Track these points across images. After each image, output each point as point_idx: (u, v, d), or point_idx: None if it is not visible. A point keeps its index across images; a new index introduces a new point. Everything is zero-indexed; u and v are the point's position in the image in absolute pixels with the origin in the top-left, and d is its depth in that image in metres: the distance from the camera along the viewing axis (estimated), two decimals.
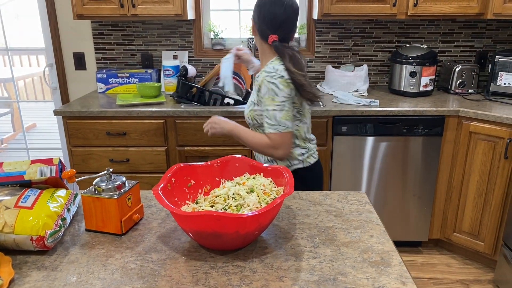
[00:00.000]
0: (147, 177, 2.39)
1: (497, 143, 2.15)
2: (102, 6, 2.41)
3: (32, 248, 0.94)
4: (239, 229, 0.88)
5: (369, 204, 1.20)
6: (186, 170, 1.12)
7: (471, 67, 2.58)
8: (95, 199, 1.02)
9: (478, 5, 2.36)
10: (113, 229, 1.03)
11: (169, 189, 1.04)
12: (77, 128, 2.32)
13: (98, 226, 1.04)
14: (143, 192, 1.29)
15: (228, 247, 0.95)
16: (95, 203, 1.02)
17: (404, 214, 2.45)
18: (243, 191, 1.02)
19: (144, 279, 0.87)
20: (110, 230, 1.04)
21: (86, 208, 1.04)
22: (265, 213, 0.89)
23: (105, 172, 1.05)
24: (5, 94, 5.50)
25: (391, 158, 2.35)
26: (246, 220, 0.87)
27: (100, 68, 2.88)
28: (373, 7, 2.38)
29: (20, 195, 0.97)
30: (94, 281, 0.86)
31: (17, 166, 1.03)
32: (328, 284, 0.85)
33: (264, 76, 1.45)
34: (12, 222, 0.92)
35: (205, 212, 0.87)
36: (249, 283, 0.85)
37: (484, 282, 2.28)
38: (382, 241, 1.01)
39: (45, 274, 0.89)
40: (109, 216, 1.02)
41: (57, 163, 1.05)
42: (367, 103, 2.32)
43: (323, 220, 1.11)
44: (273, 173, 1.09)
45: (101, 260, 0.93)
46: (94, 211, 1.03)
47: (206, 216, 0.86)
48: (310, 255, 0.94)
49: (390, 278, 0.86)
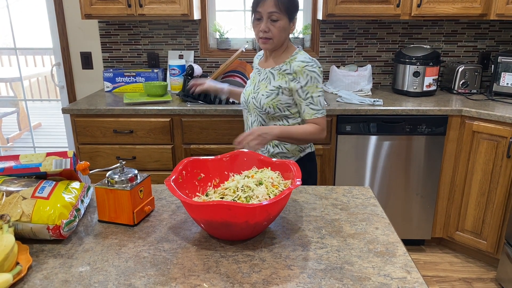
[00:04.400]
0: (154, 175, 2.42)
1: (499, 142, 2.17)
2: (109, 6, 2.45)
3: (48, 237, 0.97)
4: (248, 218, 0.91)
5: (374, 198, 1.23)
6: (196, 163, 1.15)
7: (474, 67, 2.60)
8: (108, 191, 1.05)
9: (481, 6, 2.39)
10: (126, 220, 1.06)
11: (180, 182, 1.07)
12: (84, 126, 2.36)
13: (111, 217, 1.08)
14: (153, 186, 1.32)
15: (237, 237, 0.98)
16: (108, 194, 1.05)
17: (407, 212, 2.48)
18: (252, 183, 1.05)
19: (157, 266, 0.90)
20: (123, 221, 1.07)
21: (100, 200, 1.07)
22: (274, 204, 0.92)
23: (118, 165, 1.08)
24: (10, 94, 5.56)
25: (395, 157, 2.38)
26: (255, 210, 0.90)
27: (107, 67, 2.92)
28: (377, 8, 2.41)
29: (36, 186, 1.01)
30: (109, 268, 0.89)
31: (33, 159, 1.06)
32: (335, 272, 0.87)
33: (304, 66, 1.53)
34: (29, 212, 0.95)
35: (216, 202, 0.90)
36: (258, 271, 0.88)
37: (486, 281, 2.30)
38: (387, 233, 1.03)
39: (62, 262, 0.92)
40: (122, 208, 1.05)
41: (72, 155, 1.08)
42: (371, 103, 2.35)
43: (329, 213, 1.13)
44: (281, 167, 1.12)
45: (114, 249, 0.97)
46: (107, 202, 1.06)
47: (218, 205, 0.89)
48: (317, 246, 0.97)
49: (395, 267, 0.89)
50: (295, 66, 1.54)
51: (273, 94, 1.57)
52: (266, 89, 1.59)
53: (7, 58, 6.25)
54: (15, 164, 1.06)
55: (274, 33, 1.53)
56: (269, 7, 1.49)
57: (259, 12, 1.51)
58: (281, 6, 1.50)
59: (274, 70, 1.60)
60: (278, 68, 1.60)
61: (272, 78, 1.60)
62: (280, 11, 1.50)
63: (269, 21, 1.51)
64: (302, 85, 1.54)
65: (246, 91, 1.70)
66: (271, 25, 1.52)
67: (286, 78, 1.56)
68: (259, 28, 1.54)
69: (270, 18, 1.51)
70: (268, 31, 1.52)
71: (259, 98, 1.60)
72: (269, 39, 1.54)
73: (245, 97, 1.70)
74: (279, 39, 1.55)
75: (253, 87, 1.67)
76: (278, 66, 1.60)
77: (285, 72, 1.57)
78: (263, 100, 1.59)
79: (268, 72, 1.62)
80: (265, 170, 1.13)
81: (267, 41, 1.55)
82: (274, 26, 1.52)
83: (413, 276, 0.86)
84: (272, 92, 1.58)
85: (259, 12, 1.51)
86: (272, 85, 1.58)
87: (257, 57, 1.79)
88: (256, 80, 1.67)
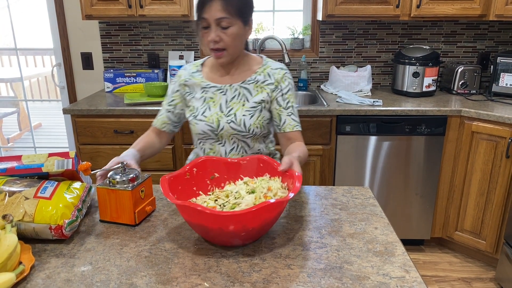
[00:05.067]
0: (154, 175, 2.41)
1: (498, 143, 2.18)
2: (110, 6, 2.46)
3: (50, 237, 0.98)
4: (221, 226, 0.89)
5: (373, 198, 1.24)
6: (212, 162, 1.16)
7: (473, 68, 2.61)
8: (110, 191, 1.06)
9: (480, 7, 2.39)
10: (127, 220, 1.07)
11: (187, 178, 1.09)
12: (85, 126, 2.37)
13: (112, 217, 1.09)
14: (154, 186, 1.33)
15: (224, 243, 0.96)
16: (110, 195, 1.06)
17: (406, 212, 2.49)
18: (244, 191, 1.04)
19: (158, 266, 0.91)
20: (124, 221, 1.08)
21: (101, 200, 1.08)
22: (246, 215, 0.87)
23: (119, 165, 1.09)
24: (11, 94, 5.57)
25: (394, 157, 2.39)
26: (224, 218, 0.88)
27: (108, 68, 2.92)
28: (376, 9, 2.42)
29: (39, 187, 1.01)
30: (111, 268, 0.90)
31: (35, 159, 1.07)
32: (334, 272, 0.88)
33: (285, 73, 1.39)
34: (32, 212, 0.96)
35: (188, 203, 0.89)
36: (258, 270, 0.89)
37: (485, 280, 2.31)
38: (386, 232, 1.04)
39: (64, 261, 0.93)
40: (123, 207, 1.06)
41: (73, 156, 1.09)
42: (370, 103, 2.36)
43: (329, 213, 1.14)
44: (288, 178, 1.06)
45: (116, 249, 0.98)
46: (109, 202, 1.07)
47: (189, 207, 0.88)
48: (317, 245, 0.98)
49: (394, 267, 0.90)
50: (276, 74, 1.38)
51: (257, 112, 1.37)
52: (246, 108, 1.36)
53: (7, 58, 6.26)
54: (18, 165, 1.07)
55: (227, 42, 1.28)
56: (217, 12, 1.24)
57: (205, 19, 1.25)
58: (231, 9, 1.25)
59: (247, 84, 1.38)
60: (251, 80, 1.38)
61: (248, 94, 1.37)
62: (231, 15, 1.25)
63: (219, 29, 1.26)
64: (283, 93, 1.38)
65: (209, 116, 1.37)
66: (222, 33, 1.27)
67: (268, 90, 1.37)
68: (207, 37, 1.28)
69: (219, 25, 1.26)
70: (219, 41, 1.27)
71: (240, 120, 1.35)
72: (222, 50, 1.29)
73: (211, 124, 1.37)
74: (234, 48, 1.31)
75: (219, 109, 1.38)
76: (250, 78, 1.38)
77: (265, 83, 1.38)
78: (248, 121, 1.35)
79: (238, 88, 1.38)
80: (273, 180, 1.09)
81: (221, 53, 1.30)
82: (226, 34, 1.27)
83: (412, 276, 0.87)
84: (255, 109, 1.37)
85: (205, 19, 1.26)
86: (253, 102, 1.37)
87: (191, 72, 1.44)
88: (220, 100, 1.38)
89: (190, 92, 1.43)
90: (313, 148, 2.36)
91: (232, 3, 1.25)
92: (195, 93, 1.42)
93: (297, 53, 2.85)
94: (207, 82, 1.41)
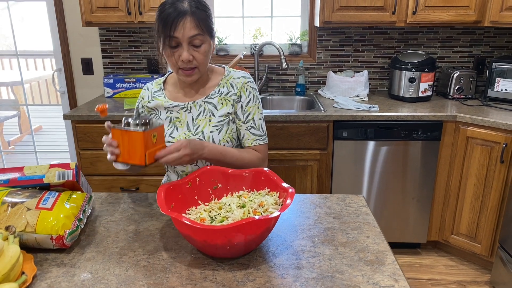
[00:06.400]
0: (153, 179, 2.46)
1: (493, 148, 2.21)
2: (110, 13, 2.49)
3: (51, 247, 1.01)
4: (207, 238, 0.92)
5: (366, 207, 1.27)
6: (215, 172, 1.18)
7: (469, 73, 2.64)
8: (123, 133, 1.10)
9: (475, 13, 2.42)
10: (138, 160, 1.10)
11: (189, 187, 1.11)
12: (85, 132, 2.40)
13: (124, 158, 1.12)
14: (151, 195, 1.36)
15: (210, 254, 0.99)
16: (123, 136, 1.10)
17: (403, 216, 2.52)
18: (234, 204, 1.06)
19: (156, 275, 0.94)
20: (135, 162, 1.10)
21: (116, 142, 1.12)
22: (225, 230, 0.89)
23: (135, 112, 1.15)
24: (11, 97, 5.60)
25: (391, 162, 2.42)
26: (208, 231, 0.90)
27: (107, 73, 2.96)
28: (373, 15, 2.45)
29: (40, 197, 1.05)
30: (110, 277, 0.93)
31: (36, 170, 1.10)
32: (326, 281, 0.91)
33: (246, 82, 1.33)
34: (33, 222, 0.99)
35: (174, 214, 0.92)
36: (253, 279, 0.92)
37: (481, 283, 2.34)
38: (378, 241, 1.07)
39: (65, 271, 0.96)
40: (135, 149, 1.09)
41: (74, 167, 1.12)
42: (367, 108, 2.39)
43: (323, 222, 1.17)
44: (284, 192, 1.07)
45: (115, 258, 1.01)
46: (122, 143, 1.11)
47: (176, 217, 0.91)
48: (310, 254, 1.01)
49: (384, 276, 0.93)
50: (237, 83, 1.32)
51: (224, 126, 1.31)
52: (212, 123, 1.31)
53: (8, 61, 6.29)
54: (20, 176, 1.10)
55: (200, 60, 1.22)
56: (190, 30, 1.17)
57: (176, 38, 1.17)
58: (203, 25, 1.19)
59: (211, 98, 1.32)
60: (215, 93, 1.33)
61: (213, 108, 1.32)
62: (203, 32, 1.20)
63: (191, 47, 1.20)
64: (243, 105, 1.32)
65: (176, 137, 1.32)
66: (195, 51, 1.20)
67: (232, 101, 1.32)
68: (177, 57, 1.21)
69: (191, 44, 1.19)
70: (192, 60, 1.21)
71: (208, 137, 1.29)
72: (194, 68, 1.23)
73: None
74: (205, 66, 1.27)
75: (186, 128, 1.32)
76: (214, 92, 1.33)
77: (229, 95, 1.32)
78: (217, 137, 1.30)
79: (202, 104, 1.32)
80: (270, 195, 1.10)
81: (192, 71, 1.23)
82: (199, 52, 1.21)
83: (400, 285, 0.90)
84: (222, 123, 1.31)
85: (175, 38, 1.17)
86: (219, 116, 1.31)
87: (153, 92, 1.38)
88: (186, 119, 1.33)
89: (154, 113, 1.37)
90: (311, 153, 2.39)
91: (202, 18, 1.19)
92: (159, 114, 1.36)
93: (295, 58, 2.88)
94: (169, 101, 1.34)
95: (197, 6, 1.20)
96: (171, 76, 1.41)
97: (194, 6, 1.19)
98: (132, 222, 1.18)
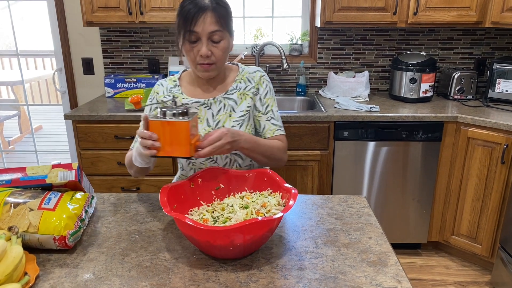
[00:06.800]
0: (154, 180, 2.46)
1: (494, 149, 2.21)
2: (111, 13, 2.49)
3: (54, 247, 1.01)
4: (209, 239, 0.92)
5: (368, 207, 1.27)
6: (217, 173, 1.18)
7: (469, 73, 2.64)
8: (165, 124, 1.02)
9: (476, 14, 2.43)
10: (183, 152, 1.04)
11: (191, 188, 1.11)
12: (86, 132, 2.40)
13: (166, 151, 1.05)
14: (154, 195, 1.36)
15: (213, 255, 0.98)
16: (165, 127, 1.02)
17: (404, 217, 2.52)
18: (237, 205, 1.06)
19: (159, 276, 0.94)
20: (180, 154, 1.05)
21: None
22: (227, 231, 0.88)
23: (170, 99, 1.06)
24: (11, 97, 5.60)
25: (391, 163, 2.42)
26: (211, 232, 0.89)
27: (108, 73, 2.96)
28: (374, 16, 2.46)
29: (43, 198, 1.04)
30: (113, 278, 0.93)
31: (39, 171, 1.10)
32: (329, 282, 0.91)
33: (262, 76, 1.38)
34: (36, 223, 0.99)
35: (176, 215, 0.92)
36: (256, 280, 0.92)
37: (481, 284, 2.34)
38: (380, 242, 1.07)
39: (67, 271, 0.96)
40: (179, 139, 1.03)
41: (76, 168, 1.12)
42: (368, 109, 2.39)
43: (325, 223, 1.17)
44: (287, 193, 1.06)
45: (118, 259, 1.01)
46: (163, 136, 1.03)
47: (179, 218, 0.91)
48: (313, 255, 1.01)
49: (387, 277, 0.93)
50: (254, 77, 1.36)
51: (245, 121, 1.34)
52: (233, 118, 1.33)
53: (8, 60, 6.29)
54: (22, 176, 1.10)
55: (218, 56, 1.24)
56: (210, 25, 1.19)
57: (196, 33, 1.20)
58: (223, 21, 1.22)
59: (231, 94, 1.35)
60: (234, 89, 1.35)
61: (234, 104, 1.34)
62: (223, 28, 1.22)
63: (210, 43, 1.22)
64: (261, 97, 1.36)
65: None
66: (214, 47, 1.22)
67: (251, 95, 1.35)
68: (196, 52, 1.22)
69: (210, 39, 1.21)
70: (210, 55, 1.22)
71: None
72: (211, 64, 1.24)
73: None
74: (222, 62, 1.28)
75: (206, 124, 1.34)
76: (232, 87, 1.36)
77: (247, 89, 1.35)
78: None
79: (222, 100, 1.34)
80: (273, 195, 1.10)
81: (209, 67, 1.25)
82: (218, 48, 1.23)
83: (404, 286, 0.90)
84: (243, 118, 1.33)
85: (195, 32, 1.20)
86: (239, 111, 1.34)
87: (169, 88, 1.38)
88: (206, 115, 1.34)
89: None
90: (311, 154, 2.39)
91: (222, 14, 1.22)
92: None
93: (296, 58, 2.88)
94: (188, 97, 1.35)
95: (217, 2, 1.23)
96: (186, 73, 1.42)
97: (215, 2, 1.22)
98: (134, 223, 1.18)
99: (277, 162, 1.36)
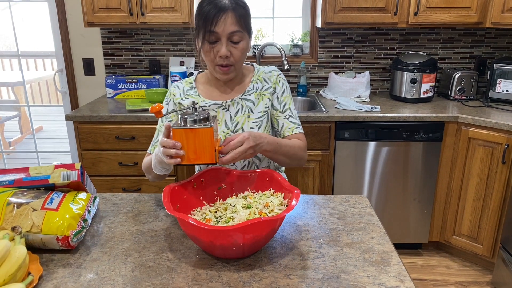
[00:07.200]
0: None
1: (495, 149, 2.21)
2: (112, 14, 2.49)
3: (57, 247, 1.01)
4: (212, 239, 0.92)
5: (370, 207, 1.27)
6: (219, 173, 1.18)
7: (470, 74, 2.65)
8: (188, 131, 1.01)
9: (477, 14, 2.43)
10: (207, 159, 1.03)
11: (194, 188, 1.11)
12: (87, 132, 2.40)
13: (190, 159, 1.04)
14: (156, 195, 1.36)
15: (216, 254, 0.98)
16: (188, 135, 1.02)
17: (404, 217, 2.52)
18: (240, 205, 1.06)
19: (162, 276, 0.94)
20: (204, 161, 1.04)
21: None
22: (230, 230, 0.89)
23: (190, 106, 1.06)
24: (12, 97, 5.60)
25: (392, 163, 2.42)
26: (213, 232, 0.90)
27: (109, 74, 2.96)
28: (374, 16, 2.46)
29: (46, 198, 1.05)
30: (116, 278, 0.93)
31: (42, 171, 1.10)
32: (331, 282, 0.92)
33: (279, 75, 1.37)
34: (39, 223, 0.99)
35: (179, 214, 0.92)
36: (259, 280, 0.92)
37: (482, 284, 2.34)
38: (382, 242, 1.08)
39: (71, 271, 0.96)
40: (203, 146, 1.02)
41: (79, 168, 1.12)
42: (368, 109, 2.39)
43: (327, 222, 1.18)
44: (289, 193, 1.06)
45: (121, 259, 1.01)
46: (187, 143, 1.03)
47: (182, 218, 0.91)
48: (315, 255, 1.02)
49: (389, 277, 0.93)
50: (272, 77, 1.36)
51: (264, 122, 1.33)
52: (252, 119, 1.33)
53: (8, 61, 6.29)
54: (25, 176, 1.10)
55: (237, 57, 1.23)
56: (230, 25, 1.18)
57: (216, 33, 1.18)
58: (243, 21, 1.20)
59: (248, 95, 1.34)
60: (251, 90, 1.35)
61: (251, 105, 1.34)
62: (242, 29, 1.21)
63: (230, 43, 1.21)
64: (278, 95, 1.35)
65: None
66: (233, 47, 1.21)
67: (268, 94, 1.35)
68: (215, 53, 1.21)
69: (230, 40, 1.20)
70: (229, 56, 1.22)
71: None
72: (230, 65, 1.24)
73: None
74: (241, 64, 1.28)
75: (224, 126, 1.33)
76: (249, 88, 1.35)
77: (264, 89, 1.35)
78: None
79: (240, 101, 1.34)
80: (275, 195, 1.10)
81: (228, 69, 1.24)
82: (237, 49, 1.22)
83: (406, 285, 0.90)
84: (261, 119, 1.33)
85: (215, 33, 1.18)
86: (257, 112, 1.34)
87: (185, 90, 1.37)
88: (224, 117, 1.34)
89: None
90: (312, 154, 2.39)
91: (242, 14, 1.20)
92: None
93: (297, 59, 2.88)
94: (205, 100, 1.34)
95: (237, 2, 1.21)
96: (202, 75, 1.41)
97: (234, 2, 1.20)
98: (136, 223, 1.18)
99: (298, 161, 1.34)
